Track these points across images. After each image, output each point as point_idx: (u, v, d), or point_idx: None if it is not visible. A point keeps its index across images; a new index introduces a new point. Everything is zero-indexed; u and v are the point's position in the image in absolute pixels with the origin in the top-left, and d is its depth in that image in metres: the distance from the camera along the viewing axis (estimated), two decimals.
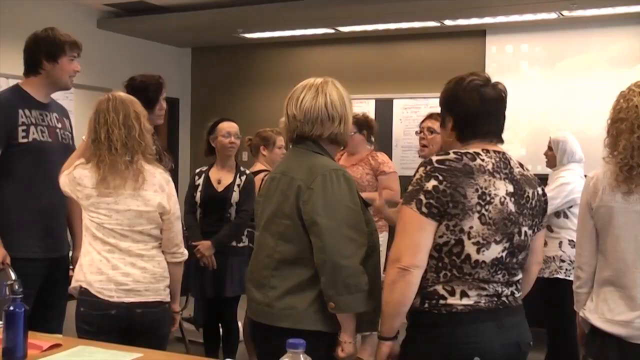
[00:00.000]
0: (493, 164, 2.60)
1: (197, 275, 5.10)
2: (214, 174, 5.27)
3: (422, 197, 2.51)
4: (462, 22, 8.77)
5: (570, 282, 3.22)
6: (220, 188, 5.21)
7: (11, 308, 2.49)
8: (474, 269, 2.55)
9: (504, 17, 8.47)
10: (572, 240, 4.95)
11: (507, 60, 9.15)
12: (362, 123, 5.74)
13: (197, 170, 5.38)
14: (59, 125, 4.03)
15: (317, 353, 2.12)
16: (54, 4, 8.89)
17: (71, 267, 4.14)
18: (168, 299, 3.48)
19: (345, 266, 2.67)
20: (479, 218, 2.52)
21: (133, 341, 3.01)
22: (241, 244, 5.26)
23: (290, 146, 3.00)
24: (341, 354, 2.76)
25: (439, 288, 2.56)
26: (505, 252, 2.60)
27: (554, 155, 5.30)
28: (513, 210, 2.59)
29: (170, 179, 3.54)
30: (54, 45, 3.90)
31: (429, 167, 2.55)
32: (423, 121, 4.56)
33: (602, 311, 2.88)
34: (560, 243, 5.06)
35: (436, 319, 2.56)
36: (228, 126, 5.24)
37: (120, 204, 3.33)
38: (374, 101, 9.74)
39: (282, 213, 2.81)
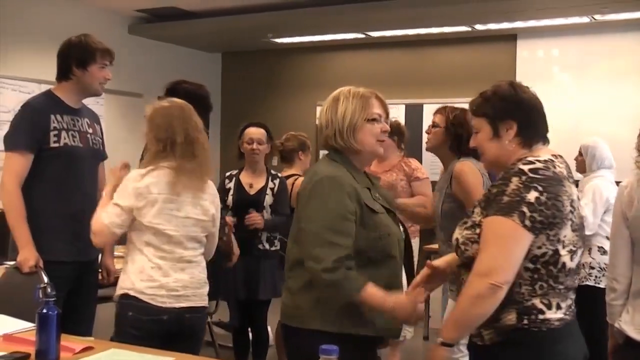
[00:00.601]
0: (565, 169, 2.58)
1: (228, 278, 5.04)
2: (245, 178, 5.28)
3: (524, 209, 2.41)
4: (492, 26, 8.74)
5: (600, 289, 3.20)
6: (252, 192, 5.23)
7: (44, 311, 2.50)
8: (566, 277, 2.51)
9: (535, 22, 8.42)
10: (602, 247, 4.95)
11: (538, 65, 9.08)
12: (393, 128, 5.68)
13: (227, 174, 5.39)
14: (90, 131, 4.06)
15: None
16: (87, 10, 9.05)
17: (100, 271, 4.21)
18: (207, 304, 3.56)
19: (322, 268, 2.67)
20: (570, 225, 2.49)
21: (175, 344, 3.08)
22: (273, 248, 5.28)
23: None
24: None
25: (537, 302, 2.48)
26: (581, 256, 2.60)
27: (583, 161, 5.27)
28: (580, 214, 2.60)
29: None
30: (85, 52, 3.93)
31: (524, 178, 2.46)
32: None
33: (639, 323, 2.84)
34: (590, 250, 5.04)
35: (536, 336, 2.49)
36: (252, 132, 5.25)
37: (181, 210, 3.37)
38: (404, 106, 9.73)
39: (296, 217, 2.89)
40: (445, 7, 8.00)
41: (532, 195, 2.42)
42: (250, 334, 5.51)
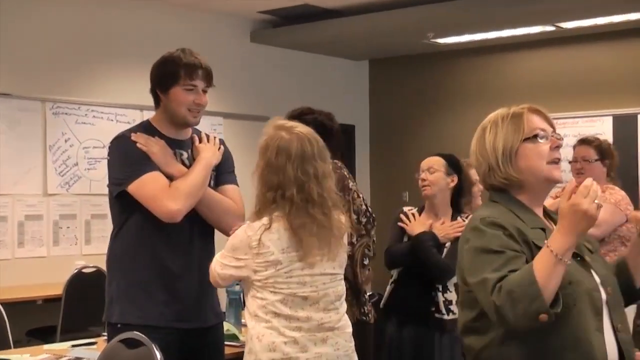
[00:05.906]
0: None
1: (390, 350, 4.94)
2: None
3: None
4: None
5: None
6: None
7: None
8: None
9: None
10: None
11: None
12: (604, 150, 5.66)
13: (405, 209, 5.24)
14: None
15: None
16: (197, 16, 9.21)
17: None
18: None
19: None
20: None
21: None
22: (450, 316, 4.83)
23: None
24: None
25: None
26: None
27: None
28: None
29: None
30: (165, 70, 3.84)
31: None
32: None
33: None
34: None
35: None
36: (425, 160, 5.11)
37: (314, 267, 3.31)
38: (610, 118, 9.27)
39: (459, 278, 2.97)
40: None
41: None
42: None
